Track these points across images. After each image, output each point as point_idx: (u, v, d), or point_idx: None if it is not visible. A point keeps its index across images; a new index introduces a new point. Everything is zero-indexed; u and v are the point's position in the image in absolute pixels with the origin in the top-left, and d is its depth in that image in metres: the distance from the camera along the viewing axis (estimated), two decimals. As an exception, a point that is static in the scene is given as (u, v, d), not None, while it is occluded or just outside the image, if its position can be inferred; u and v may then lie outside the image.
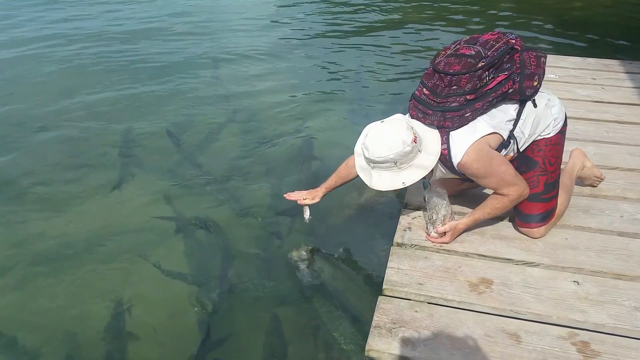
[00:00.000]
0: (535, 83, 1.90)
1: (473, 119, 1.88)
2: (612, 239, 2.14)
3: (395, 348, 1.71)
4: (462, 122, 1.87)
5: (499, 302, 1.86)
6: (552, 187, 2.09)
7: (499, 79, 1.84)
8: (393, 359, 1.70)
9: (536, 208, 2.09)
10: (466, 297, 1.89)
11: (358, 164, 2.04)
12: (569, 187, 2.24)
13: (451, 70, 1.82)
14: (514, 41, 1.86)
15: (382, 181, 1.93)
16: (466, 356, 1.67)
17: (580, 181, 2.42)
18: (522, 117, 1.95)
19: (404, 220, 2.31)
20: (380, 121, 1.96)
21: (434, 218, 2.12)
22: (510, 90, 1.88)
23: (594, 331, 1.75)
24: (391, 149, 1.84)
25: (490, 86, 1.84)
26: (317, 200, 2.29)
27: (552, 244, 2.12)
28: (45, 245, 2.85)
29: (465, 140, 1.87)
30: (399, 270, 2.03)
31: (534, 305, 1.84)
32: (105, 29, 6.43)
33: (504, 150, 1.98)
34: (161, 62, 5.46)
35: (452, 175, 2.03)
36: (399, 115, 2.00)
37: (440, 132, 1.91)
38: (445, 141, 1.90)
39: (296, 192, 2.33)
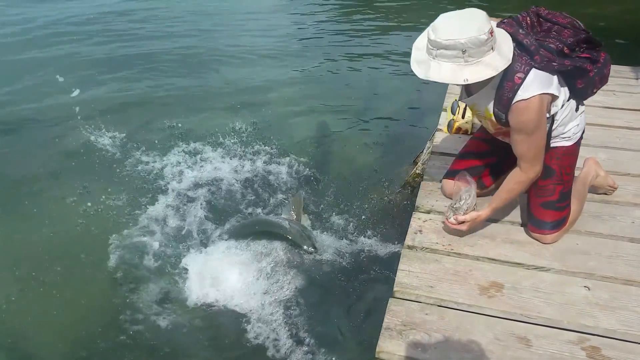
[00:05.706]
0: (596, 90, 1.95)
1: (554, 73, 1.82)
2: (623, 245, 2.14)
3: (405, 350, 1.72)
4: (547, 67, 1.79)
5: (510, 306, 1.87)
6: (566, 197, 2.12)
7: (588, 55, 1.85)
8: (403, 361, 1.71)
9: (550, 215, 2.10)
10: (476, 300, 1.90)
11: (415, 58, 1.82)
12: (582, 195, 2.25)
13: (555, 19, 1.84)
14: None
15: (442, 72, 1.72)
16: (476, 359, 1.68)
17: (594, 190, 2.42)
18: (566, 104, 1.97)
19: (415, 223, 2.32)
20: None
21: (457, 206, 2.11)
22: (587, 73, 1.86)
23: (604, 337, 1.75)
24: (463, 33, 1.65)
25: (581, 55, 1.85)
26: None
27: (563, 249, 2.13)
28: (43, 248, 2.92)
29: (540, 85, 1.78)
30: (409, 273, 2.04)
31: (545, 309, 1.85)
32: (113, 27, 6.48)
33: None
34: (171, 63, 5.50)
35: (490, 124, 2.00)
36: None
37: (524, 60, 1.78)
38: (525, 72, 1.77)
39: None
